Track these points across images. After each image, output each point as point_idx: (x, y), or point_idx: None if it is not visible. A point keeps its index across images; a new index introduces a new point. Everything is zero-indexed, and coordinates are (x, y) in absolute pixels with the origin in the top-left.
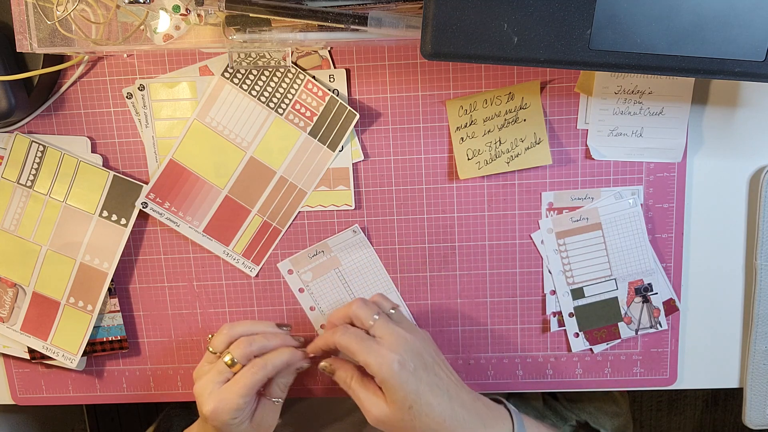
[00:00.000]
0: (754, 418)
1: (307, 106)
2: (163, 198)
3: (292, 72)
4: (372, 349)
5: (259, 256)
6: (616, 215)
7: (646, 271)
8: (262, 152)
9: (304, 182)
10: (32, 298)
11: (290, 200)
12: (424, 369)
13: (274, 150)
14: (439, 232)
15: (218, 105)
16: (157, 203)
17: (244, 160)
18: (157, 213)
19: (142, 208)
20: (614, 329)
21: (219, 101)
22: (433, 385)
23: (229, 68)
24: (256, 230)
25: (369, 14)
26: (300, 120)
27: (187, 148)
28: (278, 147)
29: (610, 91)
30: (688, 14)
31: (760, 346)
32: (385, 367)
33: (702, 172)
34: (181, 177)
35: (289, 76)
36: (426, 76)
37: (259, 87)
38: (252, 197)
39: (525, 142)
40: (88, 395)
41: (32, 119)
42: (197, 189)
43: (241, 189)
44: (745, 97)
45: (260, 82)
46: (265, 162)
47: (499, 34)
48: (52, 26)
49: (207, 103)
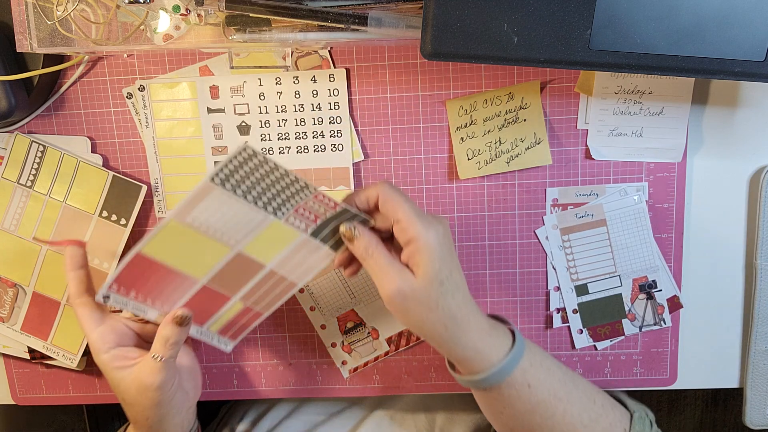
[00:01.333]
0: (754, 418)
1: (312, 210)
2: (128, 288)
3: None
4: (419, 212)
5: (236, 334)
6: (621, 212)
7: (651, 268)
8: (251, 249)
9: (297, 275)
10: (32, 298)
11: (279, 290)
12: (455, 253)
13: (267, 247)
14: None
15: (203, 207)
16: (120, 294)
17: (228, 256)
18: (122, 303)
19: (102, 302)
20: (618, 326)
21: (204, 204)
22: (460, 272)
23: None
24: (236, 314)
25: (369, 14)
26: (302, 222)
27: (159, 245)
28: (272, 245)
29: (610, 91)
30: (688, 14)
31: (760, 346)
32: (432, 234)
33: (702, 172)
34: (150, 269)
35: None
36: (426, 76)
37: (256, 193)
38: (233, 287)
39: (525, 142)
40: (88, 395)
41: (32, 119)
42: (170, 279)
43: (222, 280)
44: (745, 97)
45: (258, 188)
46: (254, 257)
47: (499, 34)
48: (52, 26)
49: (188, 205)
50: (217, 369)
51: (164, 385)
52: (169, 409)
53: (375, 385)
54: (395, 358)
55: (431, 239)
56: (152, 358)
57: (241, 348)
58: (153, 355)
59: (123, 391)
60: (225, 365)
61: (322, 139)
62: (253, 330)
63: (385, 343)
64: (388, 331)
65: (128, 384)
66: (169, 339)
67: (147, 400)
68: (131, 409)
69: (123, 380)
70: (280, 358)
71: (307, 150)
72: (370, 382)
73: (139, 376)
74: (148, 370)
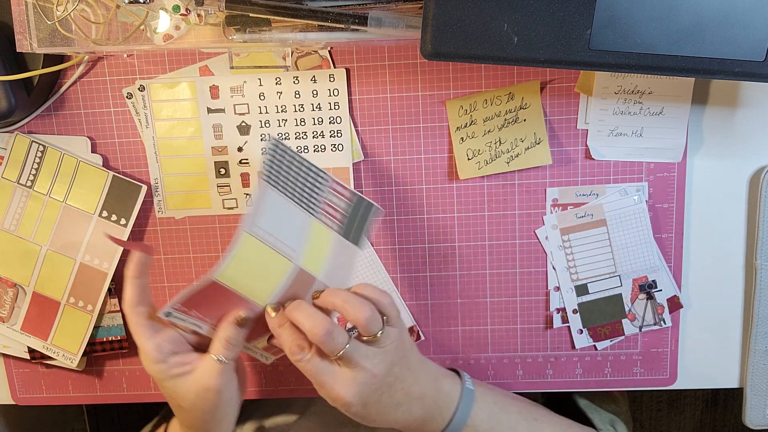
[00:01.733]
0: (754, 418)
1: (335, 206)
2: (191, 308)
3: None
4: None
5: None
6: (621, 212)
7: (651, 268)
8: (306, 261)
9: (338, 284)
10: (32, 298)
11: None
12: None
13: (315, 254)
14: (439, 232)
15: (266, 211)
16: (182, 312)
17: (289, 271)
18: (181, 319)
19: (164, 318)
20: (618, 326)
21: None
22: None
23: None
24: None
25: (369, 14)
26: (332, 221)
27: (234, 267)
28: (318, 251)
29: (610, 91)
30: (688, 14)
31: (760, 346)
32: (338, 404)
33: (702, 172)
34: (218, 294)
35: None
36: (426, 76)
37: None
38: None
39: (525, 142)
40: (88, 395)
41: (32, 119)
42: (233, 304)
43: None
44: (745, 97)
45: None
46: (309, 269)
47: (499, 34)
48: (52, 26)
49: (255, 212)
50: None
51: (224, 387)
52: (226, 413)
53: None
54: None
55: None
56: (213, 359)
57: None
58: (215, 357)
59: (181, 397)
60: None
61: (322, 139)
62: None
63: None
64: None
65: (187, 389)
66: (230, 340)
67: (207, 404)
68: (188, 414)
69: (182, 386)
70: (280, 358)
71: (307, 150)
72: None
73: (199, 379)
74: (209, 372)
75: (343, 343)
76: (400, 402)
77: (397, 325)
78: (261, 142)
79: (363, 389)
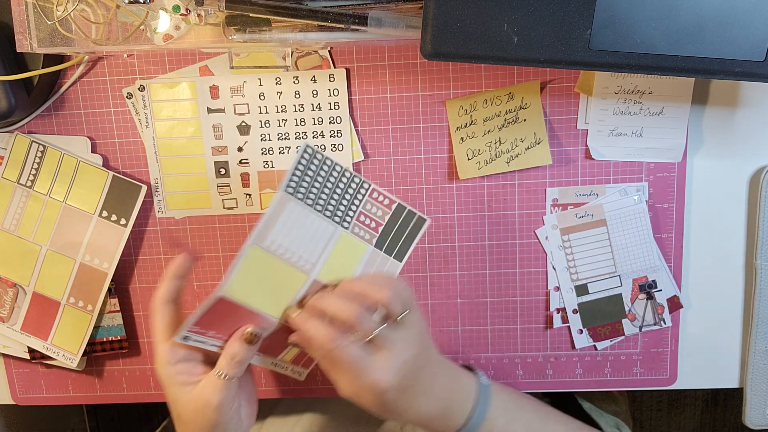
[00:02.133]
0: (754, 418)
1: (372, 216)
2: (207, 328)
3: (356, 181)
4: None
5: (308, 362)
6: (621, 212)
7: (651, 268)
8: (326, 273)
9: None
10: (32, 298)
11: None
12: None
13: (340, 269)
14: (439, 232)
15: (280, 225)
16: (199, 334)
17: (305, 285)
18: (200, 342)
19: (182, 341)
20: (618, 326)
21: (281, 220)
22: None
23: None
24: None
25: (369, 14)
26: (366, 233)
27: (241, 281)
28: (344, 265)
29: (610, 91)
30: (688, 14)
31: (760, 346)
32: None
33: (702, 172)
34: (230, 311)
35: (352, 185)
36: (426, 76)
37: (323, 201)
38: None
39: (525, 142)
40: (88, 395)
41: (32, 119)
42: (248, 320)
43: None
44: (745, 97)
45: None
46: (328, 282)
47: (499, 34)
48: (52, 26)
49: (267, 224)
50: None
51: (224, 405)
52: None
53: None
54: None
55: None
56: (216, 375)
57: None
58: (217, 372)
59: (181, 407)
60: None
61: (322, 139)
62: None
63: None
64: None
65: (188, 400)
66: (235, 356)
67: (204, 420)
68: (185, 427)
69: (183, 396)
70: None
71: None
72: None
73: (201, 393)
74: (211, 387)
75: (376, 321)
76: (425, 390)
77: (416, 308)
78: (261, 142)
79: (399, 371)
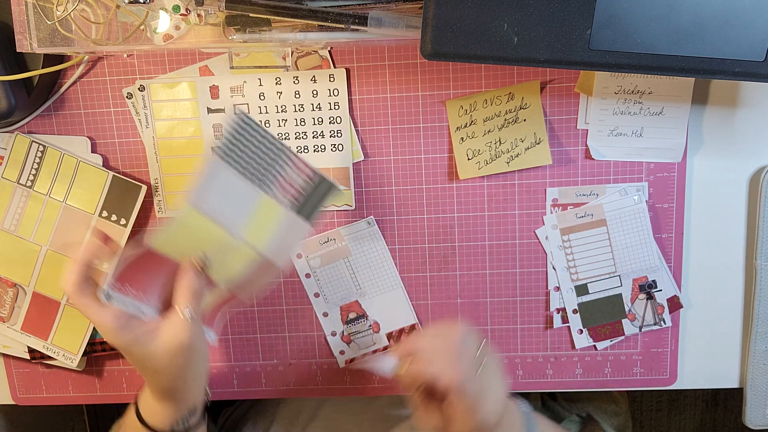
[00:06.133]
0: (754, 418)
1: (294, 183)
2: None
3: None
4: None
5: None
6: (621, 212)
7: (651, 268)
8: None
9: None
10: (32, 298)
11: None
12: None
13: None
14: (439, 232)
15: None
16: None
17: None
18: (122, 302)
19: (105, 300)
20: (618, 326)
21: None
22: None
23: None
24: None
25: (369, 14)
26: (285, 197)
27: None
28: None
29: (610, 91)
30: (688, 14)
31: (760, 346)
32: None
33: (702, 172)
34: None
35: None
36: (426, 76)
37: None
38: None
39: (525, 142)
40: (88, 395)
41: (32, 119)
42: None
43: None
44: (745, 97)
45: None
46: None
47: (499, 34)
48: (52, 26)
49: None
50: (217, 369)
51: (196, 341)
52: (200, 368)
53: (375, 385)
54: None
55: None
56: (181, 315)
57: (241, 348)
58: (182, 312)
59: (154, 360)
60: (225, 365)
61: (322, 139)
62: (253, 330)
63: (384, 338)
64: (389, 327)
65: (158, 350)
66: (193, 290)
67: (182, 361)
68: (164, 377)
69: (152, 348)
70: (280, 358)
71: (307, 150)
72: (370, 382)
73: (170, 337)
74: (178, 328)
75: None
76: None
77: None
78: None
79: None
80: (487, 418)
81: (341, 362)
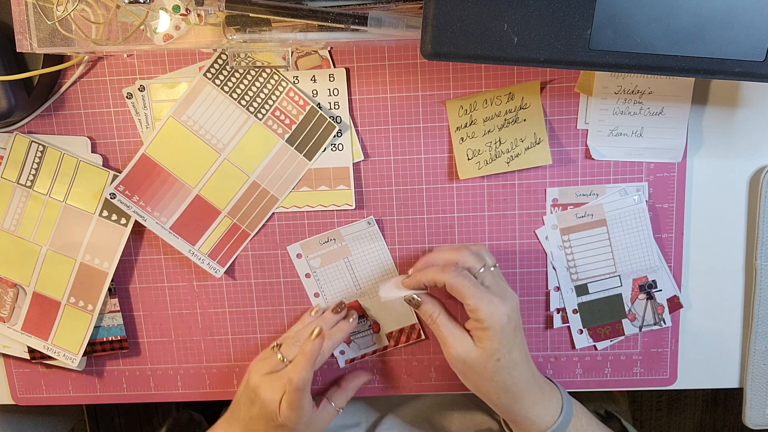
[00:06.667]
0: (754, 418)
1: (287, 113)
2: (132, 191)
3: (275, 78)
4: (485, 296)
5: (225, 258)
6: (621, 212)
7: (651, 268)
8: (236, 155)
9: (277, 189)
10: (33, 298)
11: (261, 205)
12: (519, 329)
13: (250, 154)
14: (439, 232)
15: (197, 105)
16: (125, 195)
17: (217, 162)
18: (125, 205)
19: (109, 199)
20: (618, 326)
21: (198, 101)
22: (522, 347)
23: (211, 68)
24: (225, 232)
25: (369, 14)
26: (279, 127)
27: (160, 145)
28: (254, 152)
29: (610, 91)
30: (688, 14)
31: (760, 346)
32: (496, 318)
33: (702, 172)
34: (153, 172)
35: (271, 82)
36: (426, 76)
37: (240, 90)
38: (223, 199)
39: (525, 142)
40: (88, 395)
41: (32, 119)
42: (168, 186)
43: (212, 190)
44: (745, 97)
45: (242, 85)
46: (239, 165)
47: (499, 34)
48: (52, 26)
49: (185, 102)
50: (216, 369)
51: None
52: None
53: (375, 385)
54: (395, 357)
55: (495, 323)
56: (333, 407)
57: (241, 348)
58: (335, 406)
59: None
60: (225, 365)
61: None
62: (253, 330)
63: (385, 338)
64: (390, 327)
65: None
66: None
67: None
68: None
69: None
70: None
71: None
72: (370, 383)
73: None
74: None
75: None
76: (516, 362)
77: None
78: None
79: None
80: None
81: (341, 362)
